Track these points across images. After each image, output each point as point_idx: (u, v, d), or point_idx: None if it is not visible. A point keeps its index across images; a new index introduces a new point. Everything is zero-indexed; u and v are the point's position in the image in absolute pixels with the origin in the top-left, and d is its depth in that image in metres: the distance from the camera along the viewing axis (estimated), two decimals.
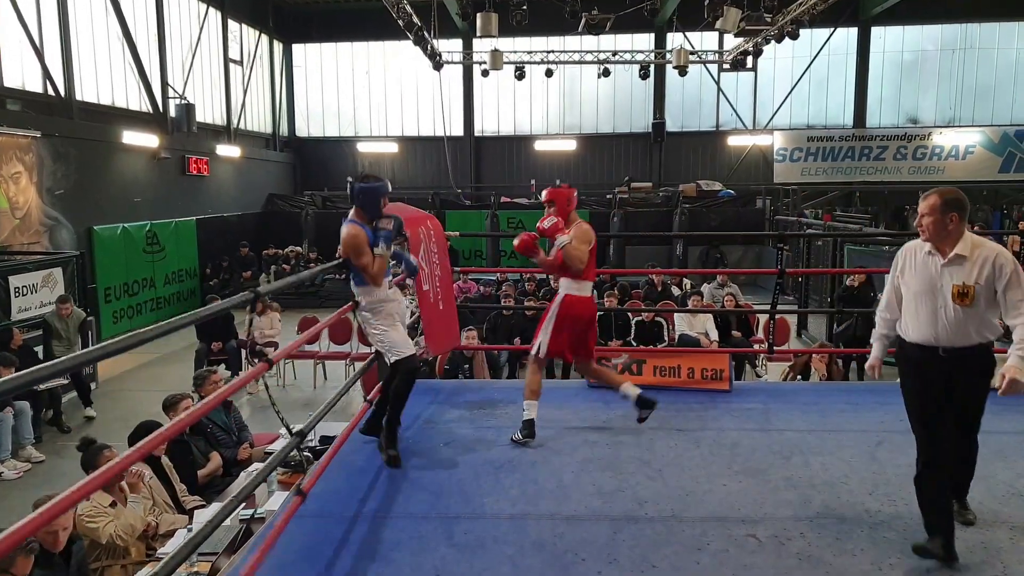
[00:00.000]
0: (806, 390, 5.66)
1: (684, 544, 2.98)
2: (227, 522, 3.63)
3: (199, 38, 16.25)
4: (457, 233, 5.74)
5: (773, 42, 14.96)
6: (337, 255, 3.88)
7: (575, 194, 4.34)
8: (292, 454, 3.96)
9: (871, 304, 8.71)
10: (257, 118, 20.03)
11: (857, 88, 21.13)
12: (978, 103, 21.26)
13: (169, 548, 3.48)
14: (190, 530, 3.55)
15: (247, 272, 14.57)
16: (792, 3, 13.75)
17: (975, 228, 17.38)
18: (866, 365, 3.32)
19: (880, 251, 10.07)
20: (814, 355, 6.99)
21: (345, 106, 22.12)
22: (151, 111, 14.28)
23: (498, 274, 11.81)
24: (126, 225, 12.52)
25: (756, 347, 8.34)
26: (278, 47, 21.16)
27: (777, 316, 8.94)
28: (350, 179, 3.79)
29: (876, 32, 20.79)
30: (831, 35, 20.24)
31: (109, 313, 11.78)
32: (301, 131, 22.26)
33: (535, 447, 4.07)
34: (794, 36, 13.76)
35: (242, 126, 18.63)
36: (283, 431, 4.51)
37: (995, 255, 2.82)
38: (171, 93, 14.77)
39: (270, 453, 4.52)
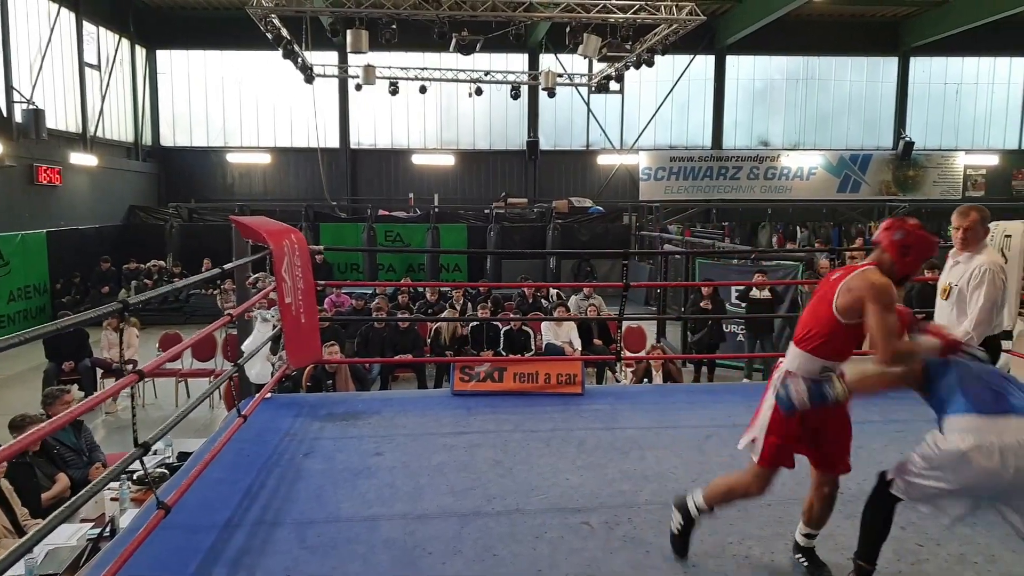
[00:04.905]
0: (651, 391, 6.13)
1: (524, 534, 3.24)
2: (72, 541, 3.57)
3: (50, 40, 15.28)
4: (321, 247, 5.79)
5: (639, 67, 15.85)
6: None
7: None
8: (142, 471, 3.92)
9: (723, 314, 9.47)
10: (117, 126, 19.00)
11: (715, 112, 22.73)
12: (819, 129, 23.40)
13: None
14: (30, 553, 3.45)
15: (105, 287, 13.78)
16: (647, 33, 14.72)
17: (817, 243, 19.13)
18: None
19: (728, 264, 10.95)
20: (651, 360, 7.56)
21: (214, 115, 21.39)
22: None
23: (374, 288, 11.83)
24: None
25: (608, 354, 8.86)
26: (141, 52, 20.20)
27: (635, 325, 9.57)
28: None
29: (731, 61, 22.47)
30: (690, 62, 21.68)
31: None
32: (166, 140, 21.30)
33: (395, 454, 4.23)
34: (650, 64, 14.72)
35: (100, 134, 17.63)
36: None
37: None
38: (17, 97, 13.80)
39: (125, 473, 4.41)
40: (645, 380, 7.51)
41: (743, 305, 9.49)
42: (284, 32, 14.19)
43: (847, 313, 2.61)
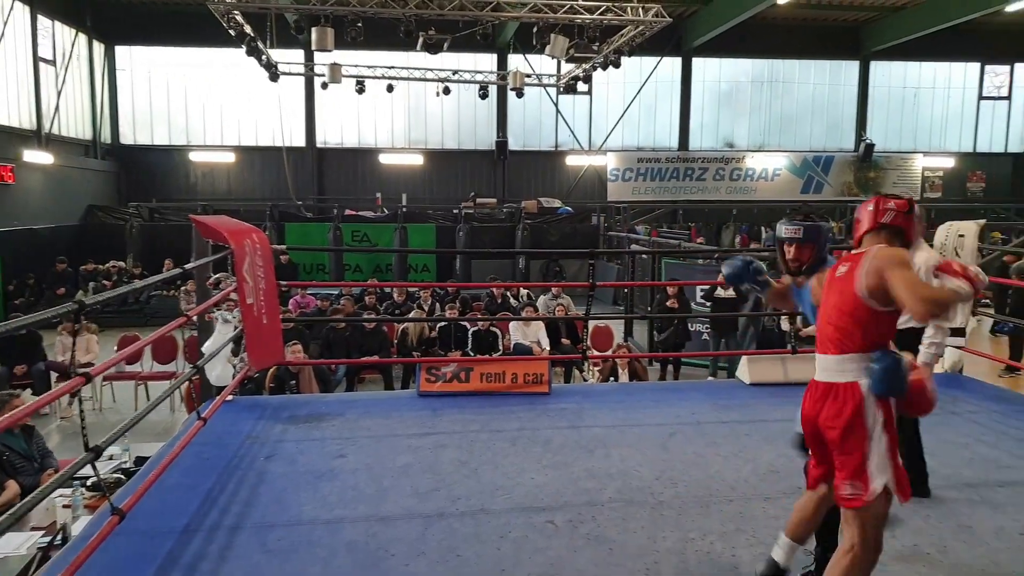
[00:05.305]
0: (617, 390, 6.16)
1: (489, 534, 3.22)
2: (22, 550, 3.47)
3: (2, 34, 14.86)
4: (284, 247, 5.72)
5: (606, 68, 15.91)
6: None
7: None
8: (95, 477, 3.82)
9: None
10: (74, 123, 18.55)
11: (681, 114, 22.96)
12: (783, 130, 23.78)
13: None
14: None
15: (61, 289, 13.42)
16: (614, 34, 14.82)
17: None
18: None
19: (694, 263, 11.05)
20: (618, 359, 7.61)
21: (176, 113, 21.01)
22: None
23: (340, 288, 11.70)
24: None
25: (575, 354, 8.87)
26: (99, 48, 19.75)
27: (603, 324, 9.61)
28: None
29: (697, 63, 22.70)
30: (657, 64, 21.84)
31: None
32: (126, 138, 20.86)
33: (359, 456, 4.18)
34: (616, 65, 14.80)
35: (55, 131, 17.19)
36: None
37: None
38: None
39: (77, 479, 4.29)
40: (611, 379, 7.55)
41: (708, 304, 9.59)
42: (248, 29, 13.97)
43: (877, 295, 2.35)
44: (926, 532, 3.23)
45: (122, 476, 4.34)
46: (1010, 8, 17.47)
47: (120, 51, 20.48)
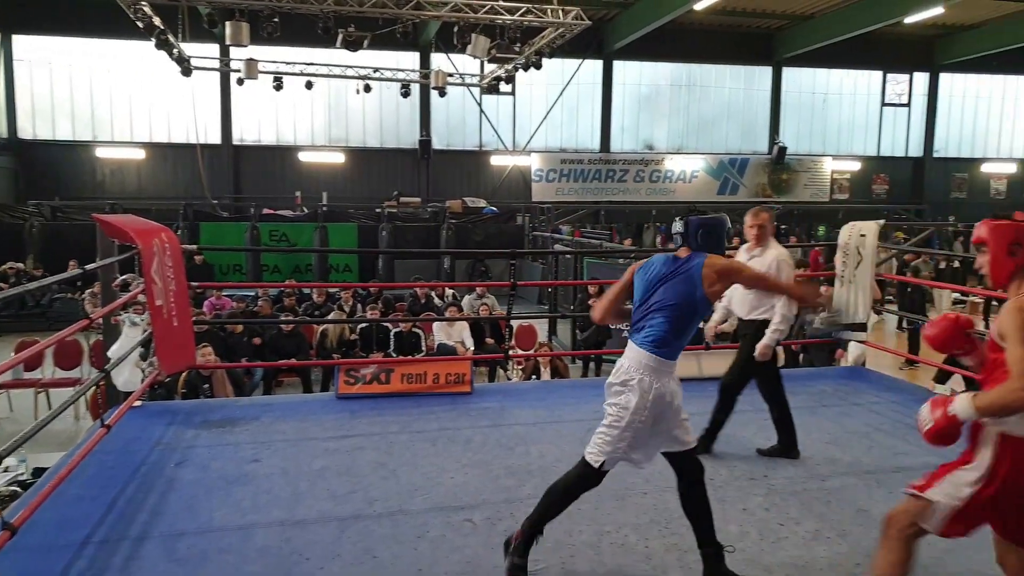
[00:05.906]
0: (538, 388, 6.23)
1: (406, 534, 3.20)
2: None
3: None
4: (196, 247, 5.53)
5: (531, 69, 15.96)
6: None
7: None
8: None
9: None
10: None
11: (603, 116, 23.33)
12: (701, 133, 24.48)
13: None
14: None
15: None
16: (535, 35, 14.95)
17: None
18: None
19: (615, 263, 11.25)
20: (540, 357, 7.70)
21: (81, 106, 19.98)
22: None
23: (257, 289, 11.37)
24: None
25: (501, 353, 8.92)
26: None
27: (527, 323, 9.69)
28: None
29: (618, 66, 23.12)
30: (579, 67, 22.15)
31: None
32: (25, 132, 19.70)
33: (274, 460, 4.08)
34: (538, 66, 14.92)
35: None
36: None
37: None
38: None
39: None
40: (534, 377, 7.62)
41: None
42: (157, 21, 13.39)
43: None
44: (828, 517, 3.39)
45: (18, 489, 4.11)
46: (908, 20, 18.56)
47: (18, 40, 19.31)
